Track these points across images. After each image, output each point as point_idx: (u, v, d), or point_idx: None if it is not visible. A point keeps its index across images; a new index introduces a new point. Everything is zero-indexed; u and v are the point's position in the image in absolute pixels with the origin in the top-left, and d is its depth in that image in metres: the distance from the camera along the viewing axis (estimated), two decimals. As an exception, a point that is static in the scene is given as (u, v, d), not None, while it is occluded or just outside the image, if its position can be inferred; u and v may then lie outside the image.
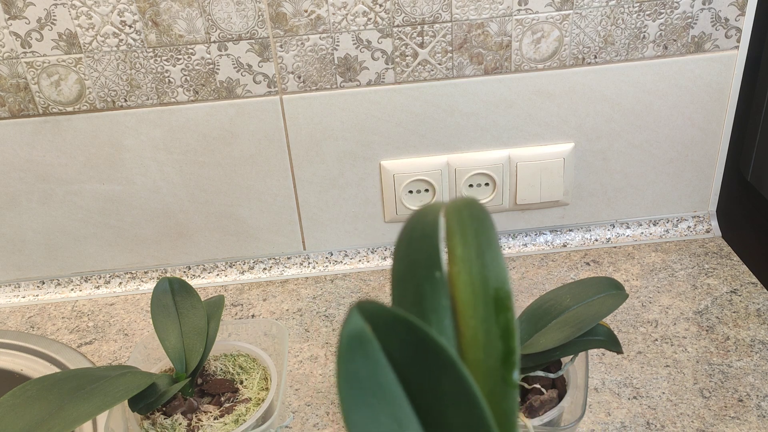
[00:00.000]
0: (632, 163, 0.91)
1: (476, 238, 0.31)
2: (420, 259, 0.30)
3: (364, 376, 0.24)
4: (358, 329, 0.24)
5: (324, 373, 0.79)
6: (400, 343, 0.24)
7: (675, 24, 0.83)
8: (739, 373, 0.74)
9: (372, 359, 0.24)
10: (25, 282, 0.95)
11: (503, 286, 0.30)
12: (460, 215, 0.32)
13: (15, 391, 0.54)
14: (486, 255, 0.31)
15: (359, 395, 0.24)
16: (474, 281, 0.30)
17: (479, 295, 0.30)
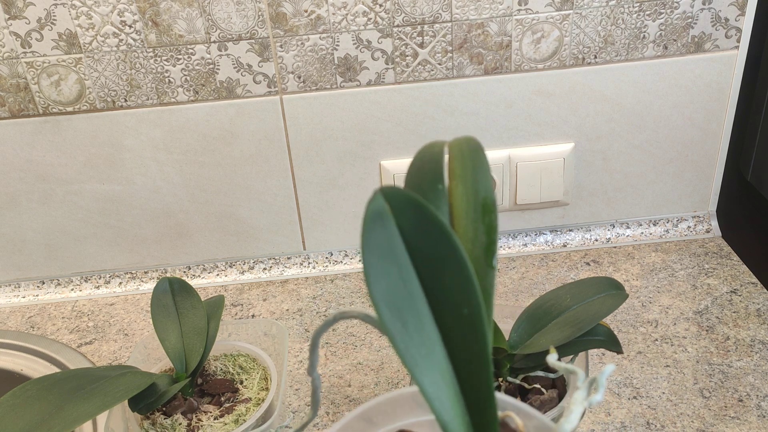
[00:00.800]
0: (632, 163, 0.91)
1: (471, 161, 0.40)
2: (427, 175, 0.39)
3: (381, 243, 0.31)
4: (380, 207, 0.31)
5: (324, 373, 0.79)
6: (410, 219, 0.31)
7: (675, 24, 0.83)
8: (739, 373, 0.74)
9: (388, 230, 0.31)
10: (25, 282, 0.95)
11: (490, 195, 0.38)
12: (461, 146, 0.41)
13: (15, 391, 0.54)
14: (478, 173, 0.39)
15: (375, 257, 0.31)
16: (468, 191, 0.39)
17: (471, 202, 0.39)
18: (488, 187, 0.39)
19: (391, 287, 0.31)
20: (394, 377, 0.78)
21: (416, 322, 0.31)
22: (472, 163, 0.40)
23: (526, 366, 0.59)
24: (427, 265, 0.32)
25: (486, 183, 0.39)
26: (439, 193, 0.38)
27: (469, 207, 0.38)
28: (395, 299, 0.31)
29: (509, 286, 0.90)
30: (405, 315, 0.31)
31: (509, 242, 0.96)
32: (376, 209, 0.31)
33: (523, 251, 0.96)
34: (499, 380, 0.59)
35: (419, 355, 0.31)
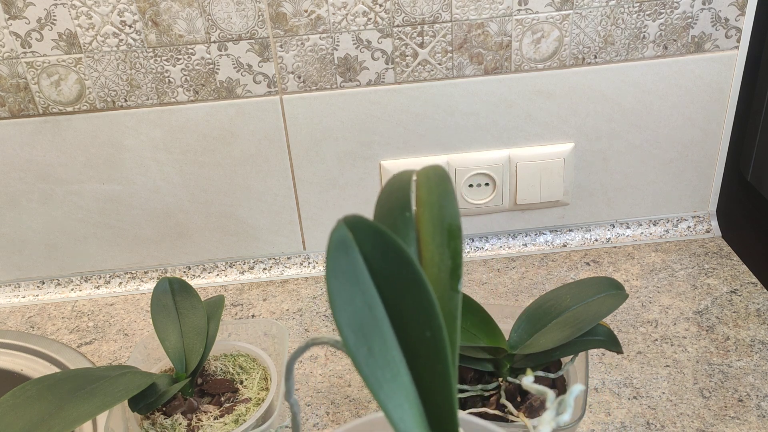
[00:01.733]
0: (632, 163, 0.91)
1: (437, 188, 0.41)
2: (396, 203, 0.40)
3: (345, 270, 0.32)
4: (343, 236, 0.32)
5: (324, 373, 0.79)
6: (373, 246, 0.33)
7: (675, 24, 0.83)
8: (739, 373, 0.74)
9: (351, 257, 0.32)
10: (25, 282, 0.95)
11: (455, 221, 0.40)
12: (428, 174, 0.43)
13: (15, 391, 0.54)
14: (444, 200, 0.41)
15: (340, 283, 0.32)
16: (434, 218, 0.40)
17: (437, 227, 0.40)
18: (454, 213, 0.40)
19: (356, 312, 0.32)
20: (394, 377, 0.78)
21: (381, 346, 0.32)
22: (438, 190, 0.41)
23: (526, 366, 0.59)
24: (390, 290, 0.33)
25: (451, 209, 0.40)
26: (407, 220, 0.40)
27: (435, 232, 0.40)
28: (361, 324, 0.32)
29: (509, 286, 0.90)
30: (370, 339, 0.32)
31: (509, 242, 0.96)
32: (340, 238, 0.32)
33: (523, 251, 0.96)
34: (499, 380, 0.59)
35: (384, 379, 0.32)
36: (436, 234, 0.40)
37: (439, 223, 0.40)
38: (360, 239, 0.32)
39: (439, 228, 0.40)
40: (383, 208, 0.41)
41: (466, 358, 0.58)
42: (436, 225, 0.40)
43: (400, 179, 0.42)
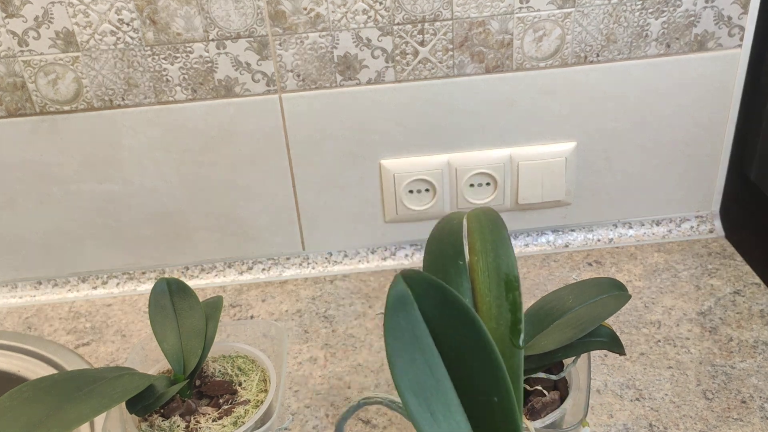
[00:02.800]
0: (634, 163, 0.91)
1: (491, 235, 0.40)
2: (447, 250, 0.40)
3: (404, 329, 0.31)
4: (401, 292, 0.31)
5: (323, 374, 0.78)
6: (434, 304, 0.31)
7: (678, 22, 0.82)
8: (742, 375, 0.74)
9: (411, 316, 0.31)
10: (22, 282, 0.95)
11: (512, 272, 0.38)
12: (479, 219, 0.41)
13: (12, 392, 0.53)
14: (499, 248, 0.39)
15: (399, 344, 0.31)
16: (489, 267, 0.39)
17: (493, 278, 0.38)
18: (510, 262, 0.38)
19: (417, 375, 0.30)
20: (394, 379, 0.77)
21: (445, 411, 0.31)
22: (492, 237, 0.40)
23: (528, 368, 0.58)
24: (453, 351, 0.31)
25: (507, 258, 0.39)
26: (460, 269, 0.39)
27: (491, 283, 0.38)
28: (422, 387, 0.30)
29: (510, 286, 0.89)
30: (433, 404, 0.30)
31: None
32: (399, 294, 0.31)
33: (525, 251, 0.95)
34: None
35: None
36: (493, 285, 0.38)
37: (495, 273, 0.38)
38: (419, 295, 0.31)
39: (496, 278, 0.38)
40: (434, 254, 0.40)
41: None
42: (492, 275, 0.38)
43: (451, 223, 0.41)
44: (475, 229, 0.41)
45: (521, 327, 0.36)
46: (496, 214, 0.41)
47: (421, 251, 0.95)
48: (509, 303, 0.37)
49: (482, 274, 0.38)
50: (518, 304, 0.37)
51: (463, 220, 0.41)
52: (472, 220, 0.41)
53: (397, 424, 0.72)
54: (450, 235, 0.40)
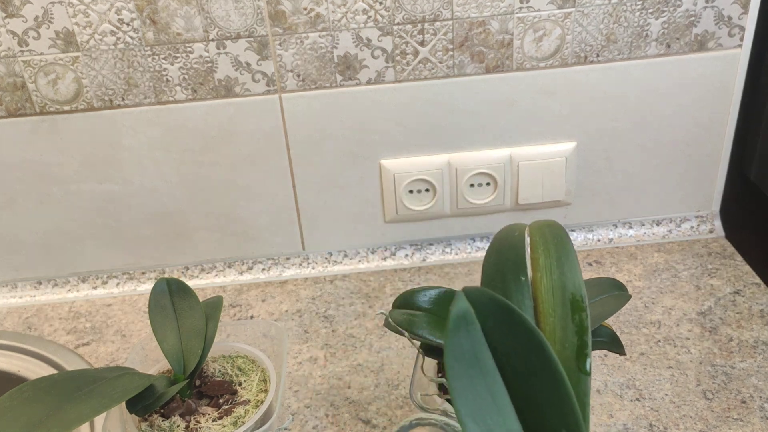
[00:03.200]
0: (635, 163, 0.91)
1: (556, 251, 0.38)
2: (508, 265, 0.37)
3: (466, 350, 0.29)
4: (464, 310, 0.29)
5: (323, 374, 0.78)
6: (497, 324, 0.29)
7: (678, 22, 0.82)
8: (742, 375, 0.74)
9: (473, 336, 0.29)
10: (22, 282, 0.95)
11: (579, 291, 0.36)
12: (543, 232, 0.39)
13: (12, 392, 0.53)
14: (564, 265, 0.37)
15: (460, 366, 0.28)
16: (554, 285, 0.36)
17: (558, 297, 0.36)
18: (577, 280, 0.36)
19: (477, 399, 0.28)
20: (394, 379, 0.77)
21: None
22: (557, 253, 0.38)
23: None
24: (517, 376, 0.29)
25: (574, 276, 0.36)
26: (522, 285, 0.36)
27: (556, 303, 0.36)
28: (483, 413, 0.28)
29: (510, 286, 0.89)
30: (494, 431, 0.28)
31: (510, 242, 0.95)
32: (461, 312, 0.29)
33: (525, 251, 0.95)
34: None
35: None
36: (557, 304, 0.36)
37: (561, 292, 0.36)
38: (482, 314, 0.29)
39: (561, 298, 0.36)
40: (493, 268, 0.37)
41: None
42: (557, 294, 0.36)
43: (512, 235, 0.39)
44: (539, 243, 0.38)
45: (588, 351, 0.34)
46: (560, 228, 0.39)
47: (421, 251, 0.95)
48: (575, 325, 0.35)
49: (546, 292, 0.36)
50: (585, 327, 0.34)
51: (525, 232, 0.39)
52: (535, 233, 0.39)
53: (397, 424, 0.71)
54: (511, 249, 0.38)
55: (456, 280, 0.91)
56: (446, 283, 0.91)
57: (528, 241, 0.39)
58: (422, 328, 0.55)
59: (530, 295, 0.36)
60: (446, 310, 0.57)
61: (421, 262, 0.95)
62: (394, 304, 0.58)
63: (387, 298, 0.89)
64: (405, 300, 0.58)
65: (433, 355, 0.59)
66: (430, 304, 0.58)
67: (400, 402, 0.74)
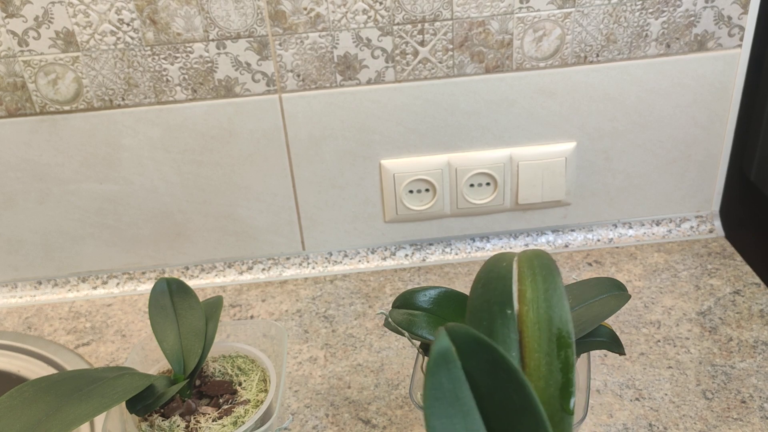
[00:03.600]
0: (635, 163, 0.91)
1: (544, 283, 0.37)
2: (494, 297, 0.37)
3: (446, 389, 0.29)
4: (445, 348, 0.29)
5: (323, 374, 0.78)
6: (479, 363, 0.29)
7: (677, 22, 0.82)
8: (742, 375, 0.74)
9: (453, 375, 0.29)
10: (22, 282, 0.95)
11: (565, 327, 0.35)
12: (531, 263, 0.38)
13: (12, 392, 0.53)
14: (552, 298, 0.36)
15: (440, 405, 0.28)
16: (540, 320, 0.36)
17: (544, 332, 0.35)
18: (563, 315, 0.36)
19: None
20: (393, 379, 0.77)
21: None
22: (545, 285, 0.37)
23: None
24: (497, 416, 0.29)
25: (561, 310, 0.36)
26: (508, 318, 0.36)
27: (542, 338, 0.36)
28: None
29: (510, 286, 0.89)
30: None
31: (511, 242, 0.96)
32: (442, 350, 0.29)
33: (524, 251, 0.95)
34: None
35: None
36: (543, 340, 0.35)
37: (547, 327, 0.35)
38: (464, 353, 0.29)
39: (547, 333, 0.35)
40: (479, 299, 0.37)
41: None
42: (543, 329, 0.35)
43: (499, 266, 0.38)
44: (527, 276, 0.38)
45: (572, 390, 0.33)
46: (549, 259, 0.38)
47: (421, 251, 0.95)
48: (560, 362, 0.34)
49: (532, 326, 0.36)
50: (571, 364, 0.34)
51: (513, 263, 0.39)
52: (523, 264, 0.38)
53: (397, 424, 0.72)
54: (498, 280, 0.37)
55: (456, 280, 0.91)
56: (446, 283, 0.91)
57: (515, 272, 0.38)
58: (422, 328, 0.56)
59: (516, 328, 0.36)
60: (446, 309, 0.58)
61: (421, 262, 0.95)
62: (394, 304, 0.58)
63: (387, 298, 0.89)
64: (405, 300, 0.58)
65: (433, 355, 0.59)
66: (430, 304, 0.58)
67: (400, 402, 0.74)
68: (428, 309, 0.58)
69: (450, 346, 0.29)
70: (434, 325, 0.56)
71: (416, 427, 0.71)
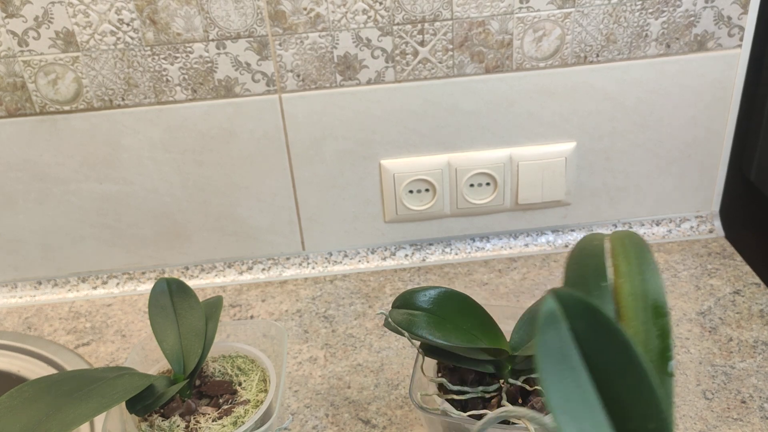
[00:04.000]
0: (635, 163, 0.91)
1: (637, 258, 0.39)
2: (589, 271, 0.39)
3: (554, 347, 0.30)
4: (552, 309, 0.31)
5: (323, 374, 0.78)
6: (584, 324, 0.31)
7: (677, 22, 0.82)
8: (742, 375, 0.74)
9: (561, 334, 0.31)
10: (22, 282, 0.95)
11: (660, 297, 0.37)
12: (623, 241, 0.41)
13: (12, 392, 0.53)
14: (645, 272, 0.38)
15: (550, 362, 0.30)
16: (636, 291, 0.38)
17: (640, 302, 0.37)
18: (658, 288, 0.38)
19: (567, 393, 0.30)
20: (393, 379, 0.77)
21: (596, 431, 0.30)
22: (638, 260, 0.39)
23: (528, 368, 0.58)
24: (604, 374, 0.31)
25: (655, 283, 0.38)
26: (603, 290, 0.38)
27: (638, 308, 0.37)
28: (572, 406, 0.30)
29: (510, 286, 0.89)
30: (583, 423, 0.30)
31: (511, 242, 0.96)
32: (549, 311, 0.31)
33: (525, 251, 0.95)
34: (500, 381, 0.58)
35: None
36: (640, 309, 0.37)
37: (642, 297, 0.37)
38: (571, 314, 0.31)
39: (642, 303, 0.37)
40: (575, 273, 0.39)
41: (467, 360, 0.57)
42: (639, 299, 0.37)
43: (592, 245, 0.40)
44: (620, 252, 0.40)
45: (671, 354, 0.35)
46: (640, 238, 0.41)
47: (421, 251, 0.95)
48: (658, 329, 0.36)
49: (628, 297, 0.38)
50: (668, 331, 0.36)
51: (604, 241, 0.41)
52: (615, 241, 0.41)
53: (397, 424, 0.72)
54: (591, 257, 0.39)
55: (456, 280, 0.91)
56: (446, 283, 0.91)
57: (608, 250, 0.41)
58: (422, 328, 0.56)
59: (612, 299, 0.38)
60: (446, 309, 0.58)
61: (421, 262, 0.95)
62: (394, 303, 0.58)
63: (387, 298, 0.89)
64: (404, 300, 0.58)
65: (432, 355, 0.59)
66: (430, 304, 0.58)
67: (400, 402, 0.74)
68: (428, 309, 0.58)
69: (557, 306, 0.31)
70: (434, 325, 0.56)
71: (416, 427, 0.71)
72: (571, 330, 0.31)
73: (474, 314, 0.58)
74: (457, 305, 0.58)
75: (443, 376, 0.61)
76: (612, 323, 0.31)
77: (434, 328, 0.56)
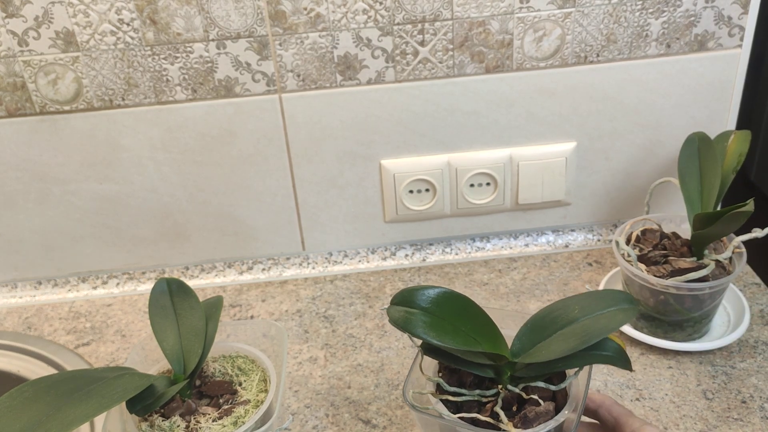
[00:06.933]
0: (635, 163, 0.91)
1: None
2: None
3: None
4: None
5: (323, 374, 0.78)
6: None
7: (678, 22, 0.82)
8: (742, 375, 0.74)
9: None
10: (22, 282, 0.95)
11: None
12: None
13: (12, 392, 0.53)
14: None
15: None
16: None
17: None
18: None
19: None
20: (393, 379, 0.77)
21: None
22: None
23: (527, 375, 0.57)
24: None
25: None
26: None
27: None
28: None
29: (510, 286, 0.89)
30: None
31: (511, 242, 0.96)
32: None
33: (525, 251, 0.95)
34: (499, 387, 0.58)
35: None
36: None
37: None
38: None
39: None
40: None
41: (466, 362, 0.57)
42: None
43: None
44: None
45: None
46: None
47: (421, 251, 0.95)
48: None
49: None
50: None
51: None
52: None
53: (397, 424, 0.72)
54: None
55: (456, 280, 0.91)
56: (446, 283, 0.91)
57: None
58: (418, 327, 0.55)
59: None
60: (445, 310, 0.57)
61: (421, 262, 0.95)
62: (393, 300, 0.58)
63: (387, 298, 0.89)
64: (404, 297, 0.58)
65: (432, 355, 0.59)
66: (429, 304, 0.58)
67: (400, 402, 0.74)
68: (427, 308, 0.57)
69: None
70: (431, 325, 0.56)
71: (416, 428, 0.71)
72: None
73: (475, 317, 0.58)
74: (457, 307, 0.58)
75: (443, 376, 0.60)
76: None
77: (430, 327, 0.55)
